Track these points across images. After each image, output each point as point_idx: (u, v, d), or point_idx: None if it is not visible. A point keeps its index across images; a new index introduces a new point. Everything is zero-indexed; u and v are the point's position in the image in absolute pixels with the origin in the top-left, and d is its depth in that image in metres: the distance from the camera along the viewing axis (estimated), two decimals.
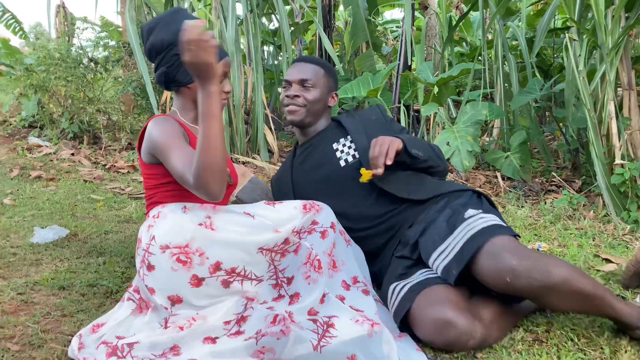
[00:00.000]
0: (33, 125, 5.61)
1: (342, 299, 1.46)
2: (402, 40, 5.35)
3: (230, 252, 1.39)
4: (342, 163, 1.84)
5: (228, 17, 4.65)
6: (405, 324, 1.45)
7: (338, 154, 1.86)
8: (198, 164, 1.29)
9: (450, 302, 1.36)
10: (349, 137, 1.88)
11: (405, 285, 1.50)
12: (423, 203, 1.71)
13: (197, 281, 1.38)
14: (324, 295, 1.41)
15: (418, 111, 5.75)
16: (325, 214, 1.58)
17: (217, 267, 1.39)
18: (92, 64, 5.16)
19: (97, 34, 5.19)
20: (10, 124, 5.75)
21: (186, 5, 4.98)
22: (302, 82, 1.86)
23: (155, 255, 1.39)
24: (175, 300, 1.39)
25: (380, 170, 1.60)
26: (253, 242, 1.42)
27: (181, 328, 1.32)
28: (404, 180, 1.76)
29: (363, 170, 1.68)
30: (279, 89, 7.21)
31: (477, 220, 1.49)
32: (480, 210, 1.55)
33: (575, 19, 3.17)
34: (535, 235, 2.67)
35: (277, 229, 1.48)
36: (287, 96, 1.87)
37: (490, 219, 1.49)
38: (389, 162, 1.59)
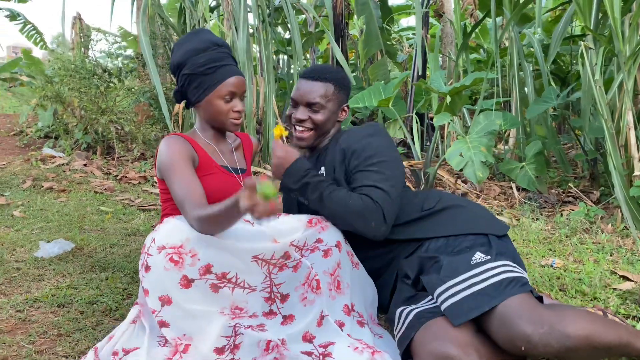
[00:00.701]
0: (49, 136, 5.67)
1: (341, 325, 1.39)
2: (415, 48, 5.30)
3: (223, 256, 1.37)
4: None
5: (239, 27, 4.65)
6: (408, 352, 1.38)
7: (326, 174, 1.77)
8: (208, 218, 1.34)
9: (455, 337, 1.29)
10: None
11: (412, 310, 1.44)
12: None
13: (187, 282, 1.35)
14: (322, 317, 1.34)
15: (433, 119, 5.69)
16: (331, 232, 1.53)
17: (207, 269, 1.37)
18: (105, 74, 5.20)
19: (111, 45, 5.22)
20: (27, 135, 5.81)
21: (199, 16, 4.99)
22: (310, 105, 1.74)
23: (153, 256, 1.38)
24: (165, 301, 1.36)
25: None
26: (247, 249, 1.40)
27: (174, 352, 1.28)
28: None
29: (276, 129, 1.67)
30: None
31: (485, 270, 1.39)
32: (489, 257, 1.44)
33: (591, 27, 3.09)
34: (550, 250, 2.59)
35: (276, 239, 1.45)
36: (295, 118, 1.76)
37: (501, 270, 1.39)
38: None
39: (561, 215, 3.31)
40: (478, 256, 1.44)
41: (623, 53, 2.84)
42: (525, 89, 4.41)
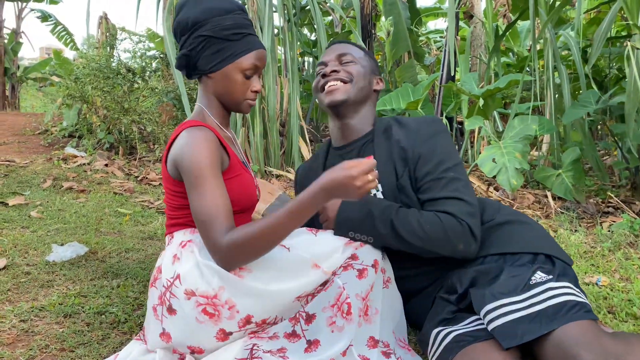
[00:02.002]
0: (73, 135, 5.66)
1: None
2: (445, 50, 5.11)
3: (264, 303, 1.20)
4: (379, 194, 1.48)
5: (264, 27, 4.54)
6: None
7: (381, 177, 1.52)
8: (245, 241, 1.14)
9: None
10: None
11: (450, 332, 1.27)
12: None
13: (224, 335, 1.20)
14: (347, 347, 1.19)
15: (461, 123, 5.50)
16: (368, 249, 1.33)
17: (247, 321, 1.21)
18: (129, 74, 5.15)
19: (135, 44, 5.18)
20: (52, 133, 5.82)
21: None
22: (341, 57, 1.52)
23: (179, 300, 1.20)
24: (195, 351, 1.22)
25: None
26: (290, 290, 1.22)
27: None
28: None
29: None
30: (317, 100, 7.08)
31: (545, 290, 1.21)
32: (551, 277, 1.26)
33: (639, 25, 2.88)
34: (593, 265, 2.39)
35: (316, 263, 1.26)
36: (323, 75, 1.52)
37: (563, 292, 1.21)
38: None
39: (601, 226, 3.10)
40: (539, 276, 1.25)
41: None
42: (563, 92, 4.19)
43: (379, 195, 1.47)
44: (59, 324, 1.60)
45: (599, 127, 6.31)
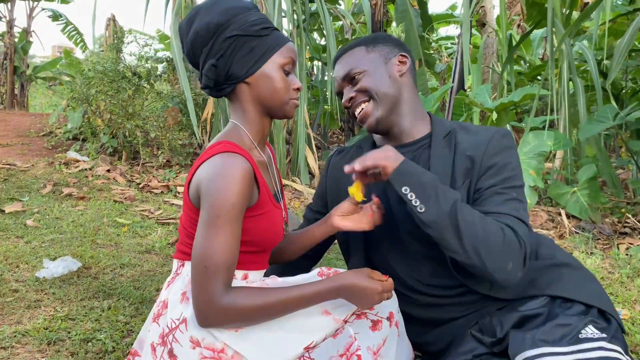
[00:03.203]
0: (77, 138, 5.59)
1: None
2: (457, 58, 5.00)
3: (272, 355, 1.09)
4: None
5: None
6: None
7: None
8: (246, 308, 1.03)
9: None
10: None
11: None
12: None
13: None
14: None
15: None
16: (385, 301, 1.20)
17: None
18: (135, 77, 5.08)
19: (141, 47, 5.10)
20: (56, 135, 5.75)
21: None
22: (347, 78, 1.40)
23: (182, 347, 1.08)
24: None
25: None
26: (299, 340, 1.11)
27: None
28: None
29: (353, 189, 1.26)
30: (325, 107, 6.98)
31: (596, 349, 1.06)
32: (605, 336, 1.10)
33: None
34: (611, 294, 2.26)
35: (327, 310, 1.14)
36: (345, 105, 1.42)
37: (614, 356, 1.06)
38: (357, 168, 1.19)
39: (618, 249, 2.97)
40: (590, 331, 1.10)
41: None
42: (578, 106, 4.05)
43: None
44: (42, 352, 1.50)
45: (613, 141, 6.17)
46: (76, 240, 2.70)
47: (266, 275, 1.27)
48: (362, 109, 1.36)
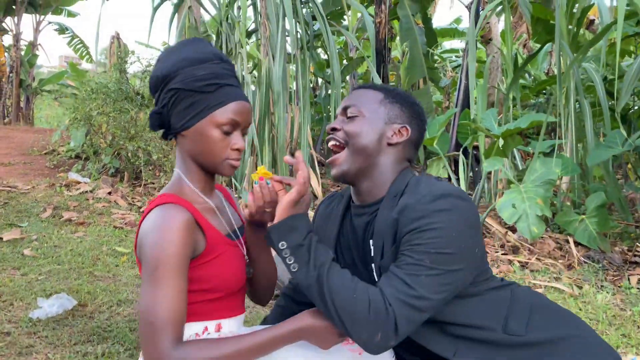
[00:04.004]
0: (79, 156, 5.56)
1: None
2: (460, 78, 4.96)
3: None
4: (375, 275, 1.24)
5: (277, 54, 4.41)
6: None
7: (373, 253, 1.25)
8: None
9: None
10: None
11: None
12: None
13: None
14: None
15: (477, 148, 5.28)
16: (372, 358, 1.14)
17: None
18: (138, 97, 5.05)
19: (145, 68, 5.08)
20: (58, 154, 5.73)
21: (235, 40, 4.80)
22: (345, 111, 1.29)
23: None
24: None
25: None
26: None
27: None
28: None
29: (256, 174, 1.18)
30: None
31: None
32: None
33: None
34: (623, 335, 2.18)
35: None
36: (327, 129, 1.31)
37: None
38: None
39: (629, 280, 2.89)
40: None
41: None
42: (586, 130, 3.99)
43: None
44: None
45: (621, 162, 6.08)
46: (74, 272, 2.65)
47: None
48: (335, 147, 1.28)
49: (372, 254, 1.22)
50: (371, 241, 1.23)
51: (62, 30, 13.31)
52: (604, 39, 3.92)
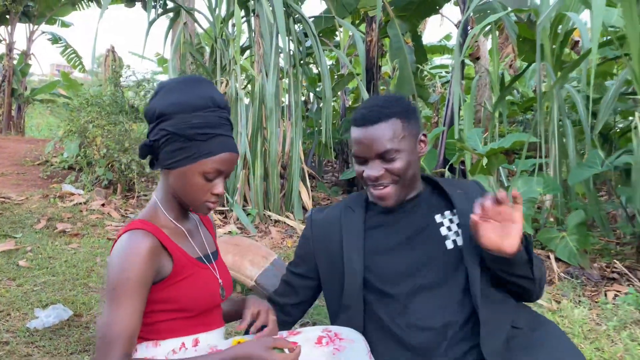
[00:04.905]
0: (72, 167, 5.62)
1: None
2: (448, 99, 5.10)
3: None
4: (450, 245, 1.34)
5: (270, 71, 4.53)
6: None
7: (444, 230, 1.35)
8: None
9: None
10: (455, 210, 1.37)
11: None
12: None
13: None
14: None
15: (463, 162, 5.42)
16: (350, 353, 1.22)
17: None
18: (132, 110, 5.14)
19: (140, 82, 5.18)
20: (51, 165, 5.79)
21: (230, 57, 4.91)
22: (382, 156, 1.34)
23: None
24: None
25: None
26: None
27: None
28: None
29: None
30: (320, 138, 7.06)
31: None
32: None
33: None
34: (597, 350, 2.29)
35: None
36: (368, 178, 1.37)
37: None
38: None
39: (606, 296, 3.00)
40: None
41: None
42: (568, 150, 4.13)
43: (450, 244, 1.34)
44: None
45: (608, 182, 6.24)
46: (68, 284, 2.71)
47: None
48: (384, 190, 1.35)
49: (461, 229, 1.34)
50: (453, 211, 1.36)
51: (55, 40, 13.37)
52: (585, 62, 4.08)
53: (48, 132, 11.04)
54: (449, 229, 1.35)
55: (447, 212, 1.38)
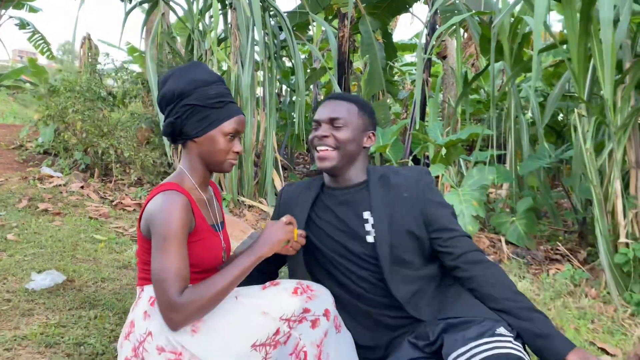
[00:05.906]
0: (48, 152, 5.72)
1: None
2: (416, 94, 5.42)
3: (224, 354, 1.35)
4: (370, 239, 1.63)
5: (245, 63, 4.75)
6: None
7: (367, 226, 1.64)
8: (200, 298, 1.30)
9: None
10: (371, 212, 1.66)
11: None
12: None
13: None
14: None
15: (428, 156, 5.77)
16: (320, 301, 1.50)
17: None
18: (110, 97, 5.28)
19: (118, 69, 5.31)
20: (26, 149, 5.86)
21: (206, 48, 5.10)
22: (332, 121, 1.66)
23: (151, 355, 1.34)
24: None
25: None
26: (245, 337, 1.38)
27: None
28: (430, 300, 1.61)
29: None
30: (304, 131, 7.30)
31: (507, 341, 1.41)
32: (512, 336, 1.45)
33: (585, 95, 3.19)
34: None
35: (264, 310, 1.43)
36: (316, 136, 1.68)
37: (519, 348, 1.41)
38: None
39: (547, 273, 3.36)
40: (502, 330, 1.44)
41: (614, 123, 2.93)
42: (522, 143, 4.50)
43: (370, 239, 1.64)
44: (41, 354, 1.73)
45: (559, 173, 6.70)
46: (57, 255, 2.90)
47: None
48: (327, 151, 1.67)
49: (374, 228, 1.63)
50: (368, 213, 1.64)
51: (23, 25, 13.17)
52: (536, 68, 4.44)
53: (13, 120, 10.90)
54: (372, 225, 1.64)
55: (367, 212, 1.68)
